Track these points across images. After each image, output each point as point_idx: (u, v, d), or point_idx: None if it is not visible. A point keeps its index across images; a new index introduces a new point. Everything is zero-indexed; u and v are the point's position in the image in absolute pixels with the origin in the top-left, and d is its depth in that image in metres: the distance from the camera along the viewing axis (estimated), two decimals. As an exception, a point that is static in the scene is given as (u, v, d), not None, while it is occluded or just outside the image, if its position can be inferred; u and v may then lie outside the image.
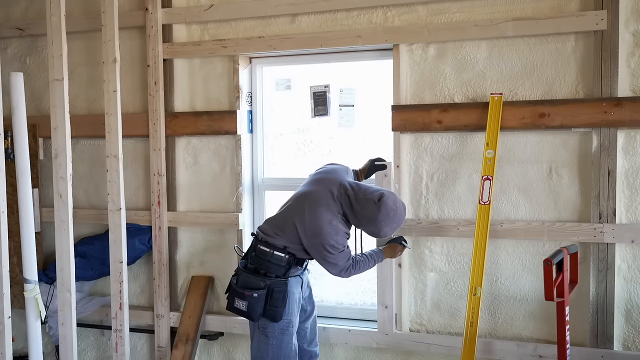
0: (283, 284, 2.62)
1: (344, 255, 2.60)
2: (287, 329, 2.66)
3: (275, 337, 2.66)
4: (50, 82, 3.01)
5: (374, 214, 2.54)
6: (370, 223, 2.57)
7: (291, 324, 2.67)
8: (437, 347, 3.02)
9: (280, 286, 2.61)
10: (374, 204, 2.53)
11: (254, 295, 2.59)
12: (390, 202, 2.54)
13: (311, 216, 2.57)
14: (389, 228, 2.57)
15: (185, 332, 3.33)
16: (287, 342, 2.67)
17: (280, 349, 2.67)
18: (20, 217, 2.92)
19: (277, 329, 2.65)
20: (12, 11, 3.71)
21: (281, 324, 2.64)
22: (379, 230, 2.58)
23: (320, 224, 2.55)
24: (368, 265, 2.71)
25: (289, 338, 2.67)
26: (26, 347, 3.05)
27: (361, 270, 2.69)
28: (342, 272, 2.63)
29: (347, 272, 2.64)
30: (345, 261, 2.61)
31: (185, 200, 3.45)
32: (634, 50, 2.70)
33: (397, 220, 2.58)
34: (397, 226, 2.60)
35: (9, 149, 3.25)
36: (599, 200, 2.75)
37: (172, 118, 3.37)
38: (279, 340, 2.66)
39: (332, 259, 2.58)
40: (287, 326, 2.66)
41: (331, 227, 2.56)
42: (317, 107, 3.24)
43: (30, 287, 2.93)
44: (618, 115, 2.67)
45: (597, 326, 2.79)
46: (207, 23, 3.32)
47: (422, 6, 2.97)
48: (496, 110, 2.80)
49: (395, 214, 2.55)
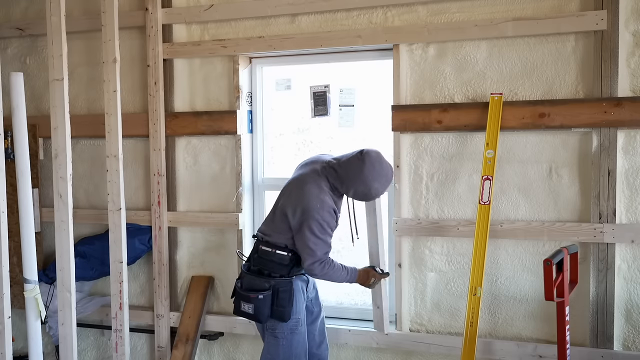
0: (288, 283, 2.61)
1: (324, 244, 2.56)
2: (296, 328, 2.65)
3: (285, 338, 2.64)
4: (50, 82, 3.01)
5: (360, 169, 2.53)
6: (359, 181, 2.54)
7: (300, 322, 2.66)
8: (437, 347, 3.02)
9: (285, 285, 2.60)
10: (357, 159, 2.56)
11: (260, 297, 2.58)
12: (373, 152, 2.58)
13: (298, 194, 2.59)
14: (379, 183, 2.54)
15: (185, 332, 3.33)
16: (297, 341, 2.66)
17: (290, 349, 2.65)
18: (20, 217, 2.92)
19: (286, 329, 2.64)
20: (12, 11, 3.71)
21: (290, 323, 2.63)
22: (369, 188, 2.54)
23: (307, 197, 2.56)
24: (340, 275, 2.65)
25: (299, 337, 2.66)
26: (26, 347, 3.05)
27: (333, 275, 2.63)
28: (316, 265, 2.56)
29: (321, 267, 2.57)
30: (323, 253, 2.56)
31: (185, 200, 3.45)
32: (634, 50, 2.70)
33: (385, 173, 2.56)
34: (386, 181, 2.57)
35: (9, 149, 3.25)
36: (599, 200, 2.75)
37: (172, 118, 3.37)
38: (289, 341, 2.64)
39: (313, 243, 2.54)
40: (296, 325, 2.65)
41: (317, 200, 2.54)
42: (317, 107, 3.24)
43: (30, 287, 2.93)
44: (618, 115, 2.67)
45: (597, 326, 2.79)
46: (207, 23, 3.32)
47: (422, 6, 2.97)
48: (496, 110, 2.81)
49: (381, 164, 2.55)
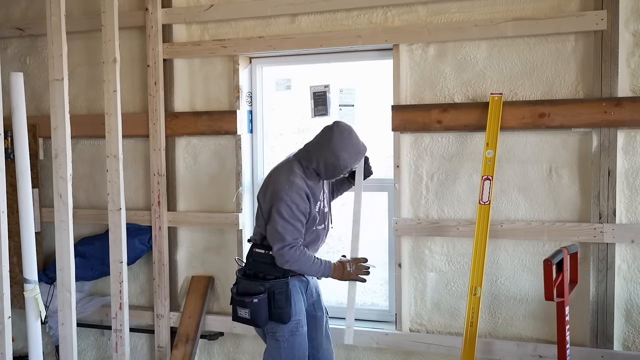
0: (284, 284, 2.59)
1: (294, 229, 2.50)
2: (297, 330, 2.62)
3: (286, 340, 2.61)
4: (50, 82, 3.01)
5: (329, 139, 2.52)
6: (328, 152, 2.50)
7: (300, 323, 2.63)
8: (437, 347, 3.02)
9: (281, 287, 2.58)
10: (327, 129, 2.56)
11: (254, 301, 2.55)
12: (343, 123, 2.57)
13: (268, 180, 2.61)
14: (347, 153, 2.50)
15: (185, 332, 3.33)
16: (299, 343, 2.63)
17: (292, 351, 2.62)
18: (20, 217, 2.92)
19: (286, 332, 2.60)
20: (12, 11, 3.71)
21: (290, 325, 2.60)
22: (337, 158, 2.49)
23: (276, 179, 2.57)
24: (313, 265, 2.56)
25: (300, 339, 2.64)
26: (26, 347, 3.05)
27: (305, 263, 2.53)
28: (286, 249, 2.49)
29: (292, 252, 2.49)
30: (292, 238, 2.49)
31: (185, 200, 3.45)
32: (634, 50, 2.70)
33: (354, 143, 2.52)
34: (356, 152, 2.53)
35: (9, 149, 3.25)
36: (599, 200, 2.75)
37: (172, 118, 3.37)
38: (291, 343, 2.61)
39: (281, 227, 2.48)
40: (297, 327, 2.62)
41: (286, 181, 2.52)
42: (317, 107, 3.24)
43: (30, 287, 2.93)
44: (618, 115, 2.67)
45: (597, 326, 2.79)
46: (207, 23, 3.32)
47: (422, 6, 2.97)
48: (496, 110, 2.80)
49: (351, 134, 2.52)
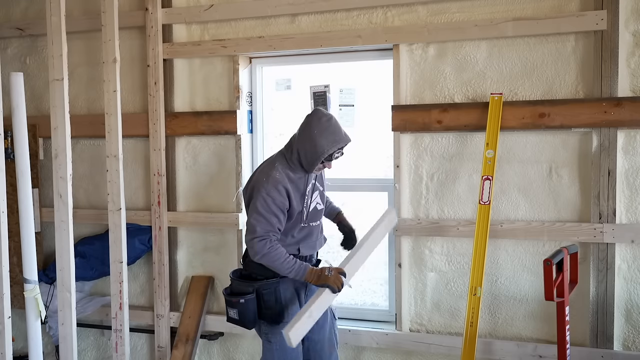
0: (273, 284, 2.55)
1: (267, 223, 2.45)
2: None
3: (278, 342, 2.58)
4: (50, 82, 3.01)
5: (308, 125, 2.50)
6: (306, 139, 2.48)
7: None
8: (437, 347, 3.02)
9: (268, 287, 2.55)
10: (307, 116, 2.54)
11: (241, 301, 2.53)
12: (323, 110, 2.56)
13: (252, 176, 2.61)
14: (325, 139, 2.45)
15: (185, 332, 3.33)
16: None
17: (285, 353, 2.60)
18: (20, 217, 2.92)
19: (278, 333, 2.56)
20: (12, 11, 3.71)
21: (282, 326, 2.55)
22: (314, 145, 2.45)
23: (258, 174, 2.56)
24: (285, 263, 2.46)
25: None
26: (26, 347, 3.05)
27: (275, 258, 2.45)
28: (256, 241, 2.44)
29: (262, 245, 2.43)
30: (263, 230, 2.44)
31: (185, 200, 3.45)
32: (634, 50, 2.70)
33: (332, 130, 2.47)
34: (334, 139, 2.46)
35: (9, 149, 3.25)
36: (599, 200, 2.75)
37: (172, 118, 3.37)
38: (282, 344, 2.55)
39: (254, 218, 2.45)
40: None
41: (264, 175, 2.51)
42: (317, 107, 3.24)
43: (30, 287, 2.93)
44: (618, 115, 2.67)
45: (597, 326, 2.79)
46: (207, 23, 3.32)
47: (422, 6, 2.97)
48: (496, 110, 2.81)
49: (330, 121, 2.49)
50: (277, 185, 2.48)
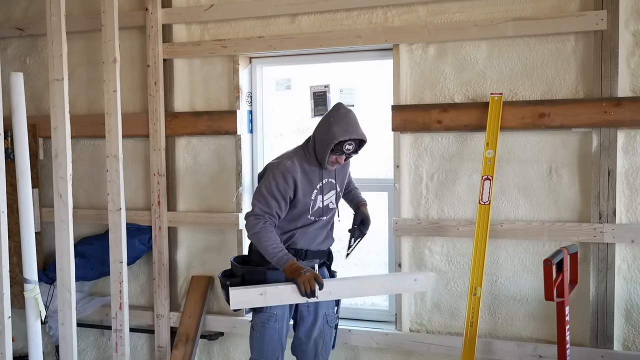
0: (258, 273, 2.60)
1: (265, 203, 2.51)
2: (267, 322, 2.63)
3: (258, 330, 2.65)
4: (50, 82, 3.01)
5: (327, 115, 2.58)
6: (322, 128, 2.54)
7: (274, 318, 2.63)
8: (437, 347, 3.02)
9: (252, 274, 2.60)
10: (331, 109, 2.61)
11: (227, 284, 2.58)
12: (343, 104, 2.60)
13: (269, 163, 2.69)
14: (338, 127, 2.46)
15: (185, 332, 3.33)
16: (270, 335, 2.64)
17: (263, 342, 2.65)
18: (20, 217, 2.91)
19: (258, 321, 2.64)
20: (12, 11, 3.71)
21: (262, 316, 2.63)
22: (327, 131, 2.48)
23: (273, 160, 2.66)
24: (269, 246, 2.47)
25: (271, 332, 2.64)
26: (26, 347, 3.05)
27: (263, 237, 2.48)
28: (251, 218, 2.52)
29: (252, 222, 2.50)
30: (261, 210, 2.51)
31: (185, 200, 3.45)
32: (634, 50, 2.70)
33: (347, 120, 2.49)
34: (347, 128, 2.47)
35: (9, 149, 3.25)
36: (599, 200, 2.75)
37: (172, 118, 3.37)
38: (262, 333, 2.64)
39: (256, 196, 2.56)
40: (268, 319, 2.63)
41: (277, 160, 2.61)
42: (317, 107, 3.24)
43: (30, 287, 2.92)
44: (618, 115, 2.67)
45: (597, 326, 2.79)
46: (207, 23, 3.32)
47: (422, 6, 2.97)
48: (496, 110, 2.80)
49: (348, 113, 2.53)
50: (284, 172, 2.54)
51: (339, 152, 2.52)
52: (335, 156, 2.54)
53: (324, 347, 2.76)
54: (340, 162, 2.59)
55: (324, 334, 2.74)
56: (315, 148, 2.58)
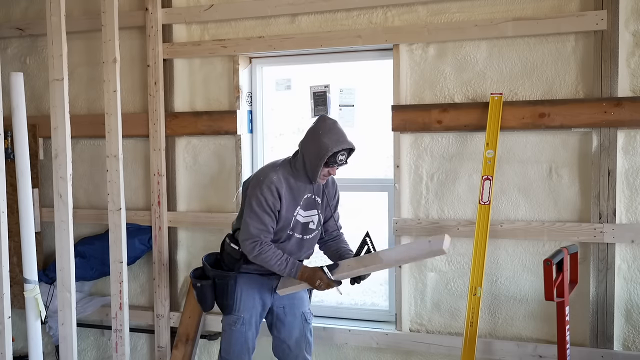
0: (228, 277, 2.63)
1: (258, 221, 2.50)
2: (234, 325, 2.66)
3: (226, 330, 2.72)
4: (50, 82, 3.01)
5: (313, 129, 2.53)
6: (311, 141, 2.49)
7: (241, 321, 2.66)
8: (437, 347, 3.02)
9: (222, 278, 2.64)
10: (313, 123, 2.57)
11: (198, 285, 2.66)
12: (328, 116, 2.63)
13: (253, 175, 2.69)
14: (328, 138, 2.44)
15: (185, 332, 3.33)
16: (236, 337, 2.67)
17: (230, 342, 2.70)
18: (20, 217, 2.92)
19: (226, 323, 2.71)
20: (12, 11, 3.71)
21: (229, 318, 2.68)
22: (319, 145, 2.44)
23: (258, 173, 2.64)
24: (276, 263, 2.51)
25: (238, 335, 2.67)
26: (26, 347, 3.05)
27: (267, 260, 2.51)
28: (248, 243, 2.51)
29: (252, 246, 2.50)
30: (256, 230, 2.50)
31: (185, 200, 3.45)
32: (634, 50, 2.70)
33: (336, 131, 2.48)
34: (337, 139, 2.45)
35: (9, 149, 3.25)
36: (599, 200, 2.75)
37: (172, 118, 3.37)
38: (229, 334, 2.70)
39: (248, 216, 2.52)
40: (235, 322, 2.66)
41: (262, 174, 2.57)
42: (317, 107, 3.24)
43: (30, 287, 2.93)
44: (618, 115, 2.67)
45: (597, 326, 2.79)
46: (207, 23, 3.32)
47: (422, 6, 2.97)
48: (496, 110, 2.80)
49: (335, 124, 2.52)
50: (270, 186, 2.52)
51: (332, 164, 2.50)
52: (328, 169, 2.52)
53: (308, 345, 2.79)
54: (332, 174, 2.58)
55: (304, 332, 2.78)
56: (305, 163, 2.53)
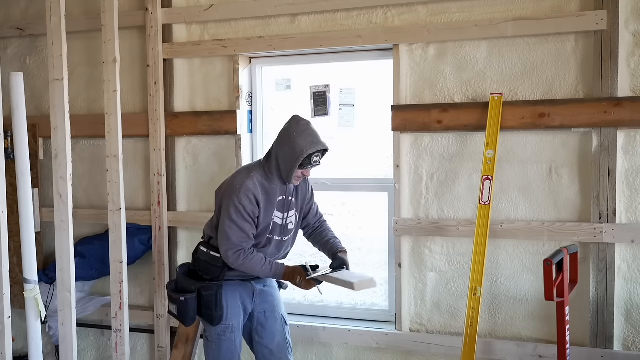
0: (214, 287, 2.57)
1: (239, 230, 2.47)
2: (224, 334, 2.63)
3: (214, 342, 2.65)
4: (50, 82, 3.01)
5: (285, 130, 2.51)
6: (284, 143, 2.47)
7: (230, 329, 2.64)
8: (437, 347, 3.02)
9: (209, 289, 2.56)
10: (286, 123, 2.55)
11: (182, 299, 2.56)
12: (301, 116, 2.55)
13: (226, 180, 2.61)
14: (302, 139, 2.43)
15: (185, 332, 3.33)
16: (225, 348, 2.65)
17: (219, 353, 2.66)
18: (20, 217, 2.92)
19: (214, 333, 2.64)
20: (12, 11, 3.71)
21: (218, 328, 2.62)
22: (293, 146, 2.43)
23: (232, 180, 2.57)
24: (261, 268, 2.53)
25: (228, 344, 2.65)
26: (26, 347, 3.05)
27: (251, 266, 2.52)
28: (230, 253, 2.49)
29: (236, 256, 2.49)
30: (237, 239, 2.48)
31: (185, 200, 3.45)
32: (634, 50, 2.70)
33: (310, 132, 2.46)
34: (312, 141, 2.44)
35: (9, 149, 3.25)
36: (599, 200, 2.75)
37: (172, 118, 3.37)
38: (218, 345, 2.65)
39: (228, 226, 2.48)
40: (225, 331, 2.63)
41: (238, 182, 2.51)
42: (317, 107, 3.24)
43: (30, 287, 2.93)
44: (618, 115, 2.67)
45: (597, 326, 2.79)
46: (207, 23, 3.32)
47: (422, 6, 2.97)
48: (496, 110, 2.80)
49: (308, 125, 2.50)
50: (248, 194, 2.49)
51: (306, 166, 2.49)
52: (302, 170, 2.52)
53: (289, 347, 2.79)
54: (306, 175, 2.58)
55: (284, 334, 2.78)
56: (279, 165, 2.51)
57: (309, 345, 3.25)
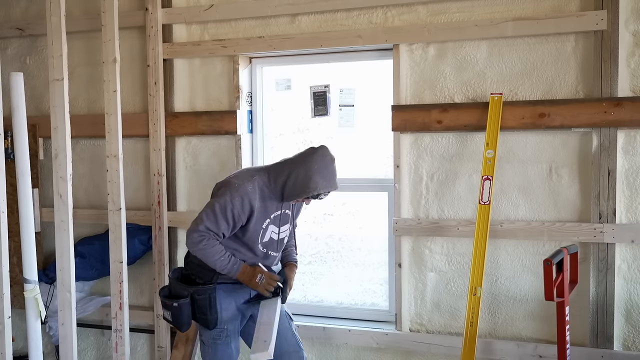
0: (207, 290, 2.53)
1: (214, 223, 2.42)
2: (219, 338, 2.61)
3: (209, 346, 2.64)
4: (50, 82, 3.01)
5: (309, 156, 2.44)
6: (303, 167, 2.41)
7: (225, 332, 2.61)
8: (437, 347, 3.02)
9: (203, 293, 2.52)
10: (312, 148, 2.48)
11: (175, 305, 2.53)
12: (329, 149, 2.48)
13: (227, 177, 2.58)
14: (321, 177, 2.40)
15: (185, 332, 3.32)
16: (222, 350, 2.63)
17: (215, 357, 2.64)
18: (20, 217, 2.92)
19: (209, 337, 2.62)
20: (12, 11, 3.71)
21: (213, 332, 2.60)
22: (310, 178, 2.39)
23: (233, 178, 2.52)
24: (219, 259, 2.45)
25: (224, 347, 2.63)
26: (26, 347, 3.05)
27: (210, 254, 2.44)
28: (195, 235, 2.43)
29: (197, 240, 2.43)
30: (206, 228, 2.42)
31: (185, 200, 3.45)
32: (634, 50, 2.70)
33: (331, 171, 2.43)
34: (329, 181, 2.42)
35: (9, 149, 3.25)
36: (599, 200, 2.75)
37: (172, 118, 3.37)
38: (214, 349, 2.63)
39: (205, 213, 2.44)
40: (220, 335, 2.61)
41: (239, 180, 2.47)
42: (317, 107, 3.24)
43: (30, 287, 2.93)
44: (618, 115, 2.67)
45: (597, 326, 2.79)
46: (207, 23, 3.32)
47: (422, 6, 2.97)
48: (496, 110, 2.81)
49: (333, 163, 2.46)
50: (243, 197, 2.44)
51: (312, 198, 2.49)
52: (305, 199, 2.51)
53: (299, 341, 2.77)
54: (306, 204, 2.59)
55: (293, 332, 2.76)
56: (286, 184, 2.46)
57: (309, 345, 3.25)
